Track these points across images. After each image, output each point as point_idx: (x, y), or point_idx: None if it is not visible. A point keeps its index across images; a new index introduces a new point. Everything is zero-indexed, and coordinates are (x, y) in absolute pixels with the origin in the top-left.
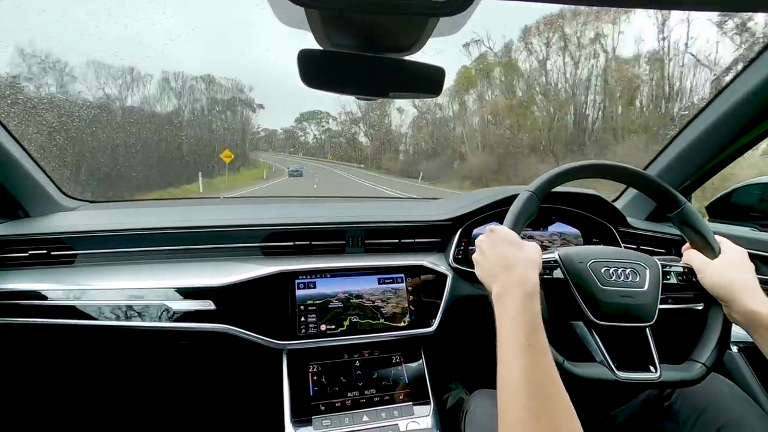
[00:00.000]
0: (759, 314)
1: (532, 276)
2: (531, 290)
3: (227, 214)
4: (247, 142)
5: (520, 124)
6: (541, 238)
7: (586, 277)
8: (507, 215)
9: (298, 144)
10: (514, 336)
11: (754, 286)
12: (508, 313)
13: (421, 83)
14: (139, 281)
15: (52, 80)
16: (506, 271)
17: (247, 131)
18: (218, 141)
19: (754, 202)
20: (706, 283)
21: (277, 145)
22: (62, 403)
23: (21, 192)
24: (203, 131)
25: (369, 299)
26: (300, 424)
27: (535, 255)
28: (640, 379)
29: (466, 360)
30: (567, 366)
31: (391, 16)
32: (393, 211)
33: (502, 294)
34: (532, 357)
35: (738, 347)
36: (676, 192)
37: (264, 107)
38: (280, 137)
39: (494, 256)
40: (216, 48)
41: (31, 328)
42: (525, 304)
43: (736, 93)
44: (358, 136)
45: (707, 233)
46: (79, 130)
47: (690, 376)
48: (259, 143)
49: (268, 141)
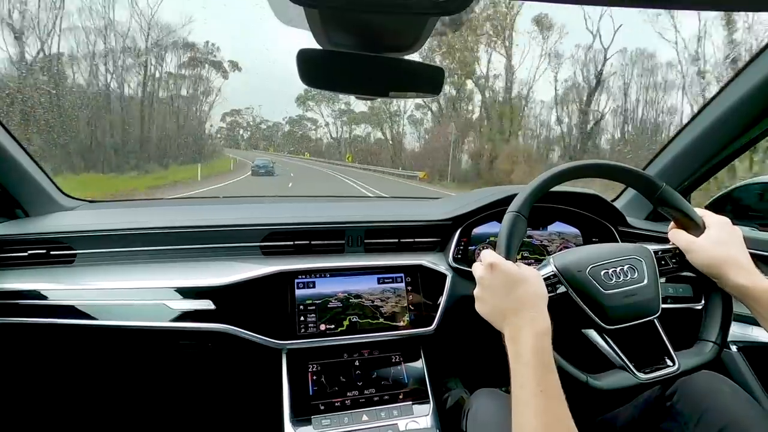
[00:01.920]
0: (747, 288)
1: (543, 313)
2: (542, 329)
3: (227, 214)
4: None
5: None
6: (541, 237)
7: (588, 285)
8: (498, 243)
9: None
10: (525, 379)
11: (740, 260)
12: (519, 356)
13: (421, 83)
14: (139, 281)
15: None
16: (516, 313)
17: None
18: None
19: (754, 201)
20: (696, 263)
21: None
22: (62, 403)
23: (20, 192)
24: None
25: (368, 299)
26: (299, 424)
27: (540, 286)
28: (662, 376)
29: (466, 359)
30: (591, 383)
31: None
32: (393, 211)
33: (515, 335)
34: (544, 401)
35: (738, 347)
36: (653, 177)
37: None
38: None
39: (499, 294)
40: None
41: (31, 328)
42: (536, 345)
43: (735, 93)
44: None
45: (688, 210)
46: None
47: (706, 357)
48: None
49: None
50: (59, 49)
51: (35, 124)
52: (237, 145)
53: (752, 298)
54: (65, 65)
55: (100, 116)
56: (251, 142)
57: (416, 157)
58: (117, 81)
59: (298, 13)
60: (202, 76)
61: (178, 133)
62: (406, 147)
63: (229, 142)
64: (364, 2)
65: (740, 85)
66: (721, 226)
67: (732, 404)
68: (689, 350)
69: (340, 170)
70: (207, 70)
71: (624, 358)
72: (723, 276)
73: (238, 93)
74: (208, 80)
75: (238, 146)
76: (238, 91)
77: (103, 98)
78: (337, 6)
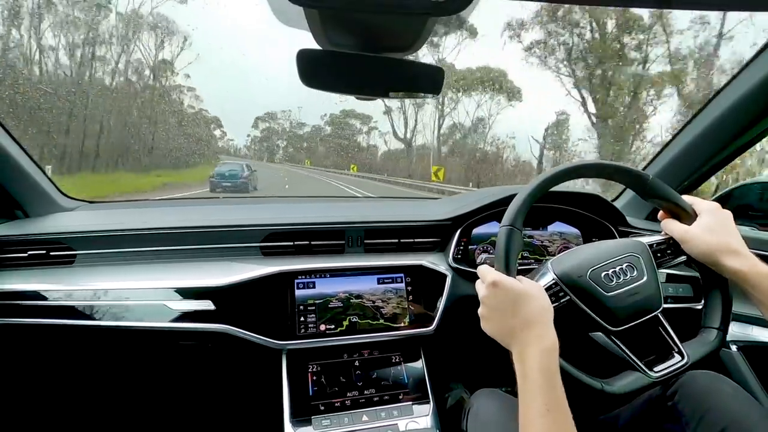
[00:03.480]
0: (744, 273)
1: (550, 329)
2: (549, 346)
3: (226, 215)
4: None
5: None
6: (541, 238)
7: (591, 290)
8: (496, 260)
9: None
10: (532, 398)
11: (734, 245)
12: (526, 375)
13: (421, 82)
14: (139, 281)
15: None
16: (523, 330)
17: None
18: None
19: (754, 201)
20: (691, 253)
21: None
22: (62, 403)
23: (20, 192)
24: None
25: (369, 299)
26: (299, 424)
27: (545, 300)
28: (673, 371)
29: (466, 360)
30: (606, 389)
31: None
32: (392, 211)
33: (522, 353)
34: (550, 420)
35: (738, 347)
36: (638, 170)
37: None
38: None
39: (505, 314)
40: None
41: (31, 329)
42: (543, 363)
43: (735, 92)
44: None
45: (677, 199)
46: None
47: (713, 345)
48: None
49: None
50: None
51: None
52: (272, 158)
53: (749, 283)
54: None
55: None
56: (287, 153)
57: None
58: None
59: (298, 14)
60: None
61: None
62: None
63: (261, 154)
64: (363, 2)
65: (740, 85)
66: (711, 212)
67: (733, 404)
68: (694, 340)
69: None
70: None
71: (634, 358)
72: (719, 262)
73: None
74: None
75: (273, 159)
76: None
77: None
78: (337, 6)
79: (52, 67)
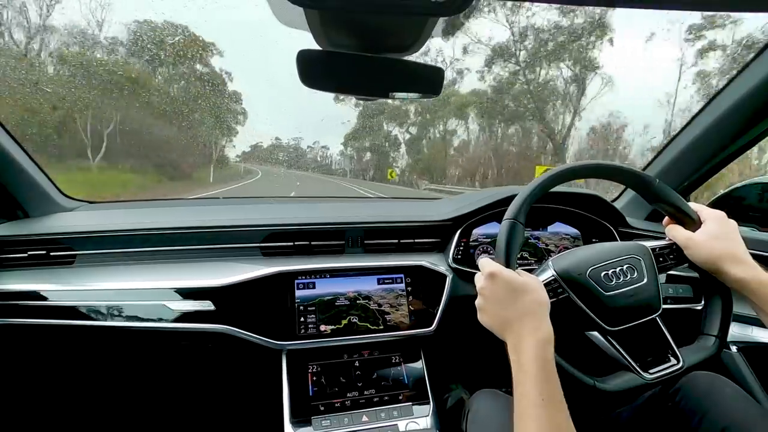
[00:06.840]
0: (746, 281)
1: (545, 322)
2: (545, 338)
3: (227, 215)
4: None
5: None
6: (541, 238)
7: (589, 288)
8: (497, 252)
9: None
10: (527, 389)
11: (738, 254)
12: (522, 365)
13: (421, 83)
14: (139, 282)
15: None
16: (519, 321)
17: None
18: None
19: (754, 201)
20: (694, 259)
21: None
22: (62, 404)
23: (20, 192)
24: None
25: (369, 299)
26: (299, 425)
27: (542, 294)
28: (667, 374)
29: (466, 360)
30: (599, 386)
31: (391, 17)
32: (392, 211)
33: (518, 344)
34: (546, 411)
35: (738, 347)
36: (644, 173)
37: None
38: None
39: (501, 304)
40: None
41: (31, 329)
42: (538, 354)
43: (735, 93)
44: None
45: (682, 204)
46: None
47: (709, 352)
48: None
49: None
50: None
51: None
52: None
53: (751, 291)
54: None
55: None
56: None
57: None
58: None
59: (298, 14)
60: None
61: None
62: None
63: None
64: (363, 3)
65: (740, 85)
66: (716, 220)
67: (733, 405)
68: (692, 346)
69: None
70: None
71: (629, 359)
72: (722, 270)
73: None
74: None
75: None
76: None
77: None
78: (337, 7)
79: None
